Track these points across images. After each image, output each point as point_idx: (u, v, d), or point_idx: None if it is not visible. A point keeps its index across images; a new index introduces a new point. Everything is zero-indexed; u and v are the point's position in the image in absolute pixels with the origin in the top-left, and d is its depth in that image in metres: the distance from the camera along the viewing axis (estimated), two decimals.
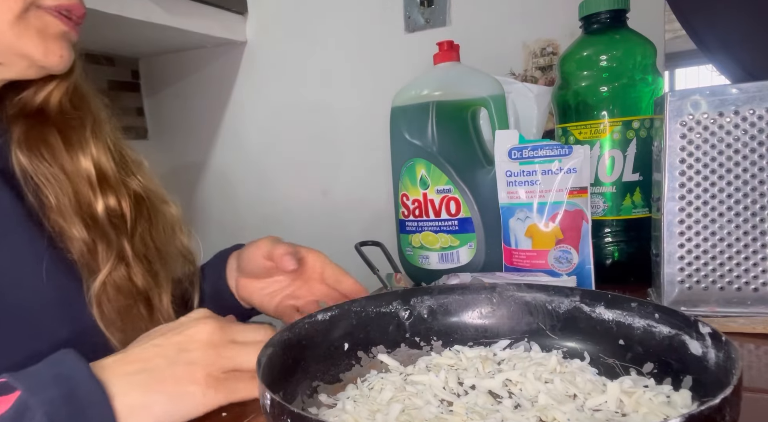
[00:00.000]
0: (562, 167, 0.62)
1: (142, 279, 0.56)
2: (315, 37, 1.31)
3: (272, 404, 0.31)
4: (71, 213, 0.52)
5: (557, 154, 0.62)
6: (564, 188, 0.62)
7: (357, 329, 0.47)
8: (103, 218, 0.54)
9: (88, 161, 0.55)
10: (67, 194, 0.53)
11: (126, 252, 0.55)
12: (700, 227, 0.54)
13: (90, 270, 0.53)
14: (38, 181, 0.52)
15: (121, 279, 0.54)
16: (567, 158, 0.62)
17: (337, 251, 0.88)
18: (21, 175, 0.52)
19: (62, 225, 0.52)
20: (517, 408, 0.38)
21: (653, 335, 0.41)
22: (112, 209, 0.55)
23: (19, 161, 0.52)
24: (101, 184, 0.55)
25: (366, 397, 0.41)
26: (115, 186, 0.57)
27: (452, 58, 0.75)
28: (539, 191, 0.63)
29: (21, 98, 0.55)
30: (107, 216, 0.55)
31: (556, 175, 0.62)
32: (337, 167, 1.35)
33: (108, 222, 0.55)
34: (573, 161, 0.61)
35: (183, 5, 1.19)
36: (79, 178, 0.54)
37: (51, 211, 0.52)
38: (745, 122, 0.52)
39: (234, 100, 1.44)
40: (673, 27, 0.92)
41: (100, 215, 0.54)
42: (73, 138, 0.55)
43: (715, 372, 0.35)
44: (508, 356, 0.46)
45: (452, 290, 0.50)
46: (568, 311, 0.46)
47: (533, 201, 0.64)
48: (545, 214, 0.63)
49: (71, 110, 0.57)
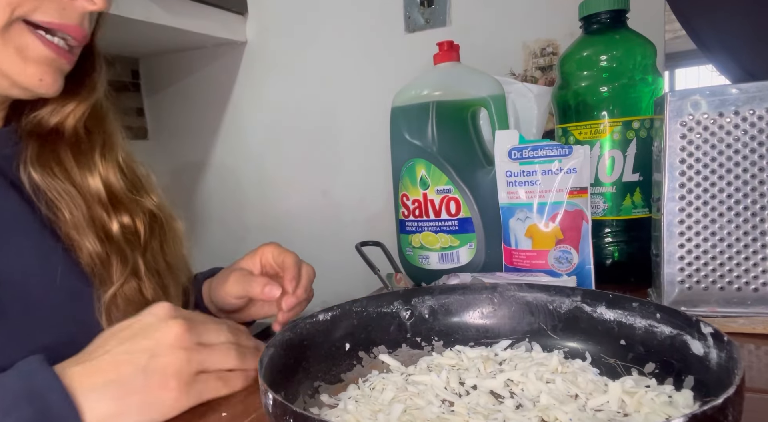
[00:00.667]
0: (562, 167, 0.62)
1: (152, 292, 0.57)
2: (315, 38, 1.31)
3: (275, 404, 0.31)
4: (84, 227, 0.53)
5: (557, 154, 0.62)
6: (564, 189, 0.62)
7: (358, 329, 0.47)
8: (118, 235, 0.56)
9: (97, 181, 0.56)
10: (81, 210, 0.54)
11: (139, 267, 0.56)
12: (700, 227, 0.55)
13: (102, 281, 0.54)
14: (52, 196, 0.53)
15: (131, 292, 0.55)
16: (567, 158, 0.62)
17: (336, 251, 0.89)
18: (32, 189, 0.53)
19: (75, 238, 0.53)
20: (519, 408, 0.38)
21: (655, 335, 0.41)
22: (127, 226, 0.57)
23: (31, 176, 0.53)
24: (113, 203, 0.56)
25: (367, 397, 0.41)
26: (128, 204, 0.58)
27: (452, 58, 0.75)
28: (539, 192, 0.63)
29: (36, 115, 0.55)
30: (122, 233, 0.56)
31: (556, 175, 0.62)
32: (337, 167, 1.35)
33: (123, 239, 0.56)
34: (573, 161, 0.61)
35: (183, 5, 1.18)
36: (91, 197, 0.55)
37: (65, 225, 0.53)
38: (745, 122, 0.52)
39: (234, 100, 1.44)
40: (673, 27, 0.92)
41: (115, 233, 0.55)
42: (82, 160, 0.56)
43: (717, 372, 0.35)
44: (509, 356, 0.46)
45: (453, 290, 0.50)
46: (569, 312, 0.46)
47: (533, 201, 0.64)
48: (545, 214, 0.63)
49: (85, 133, 0.57)
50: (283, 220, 1.43)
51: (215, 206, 1.52)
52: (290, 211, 1.42)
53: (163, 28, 1.17)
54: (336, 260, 1.33)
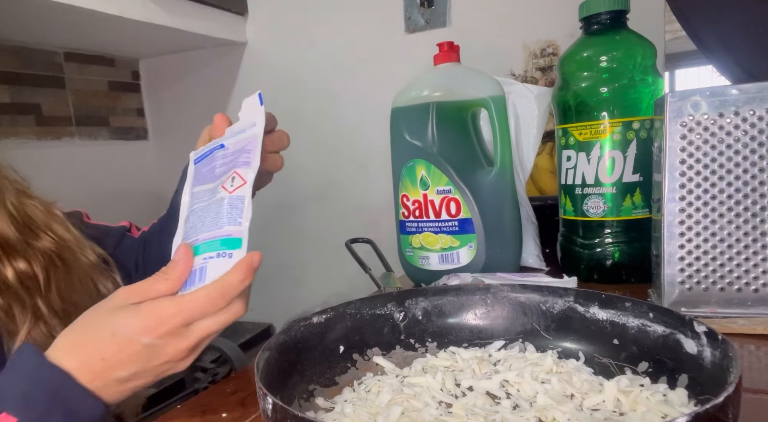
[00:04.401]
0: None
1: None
2: (315, 38, 1.31)
3: (274, 408, 0.31)
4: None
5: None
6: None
7: (352, 331, 0.47)
8: (14, 282, 0.54)
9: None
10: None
11: (41, 311, 0.55)
12: (700, 227, 0.54)
13: (9, 332, 0.53)
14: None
15: (41, 337, 0.54)
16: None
17: (336, 252, 0.88)
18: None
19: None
20: (516, 409, 0.38)
21: (648, 334, 0.41)
22: (23, 272, 0.55)
23: None
24: (6, 251, 0.55)
25: (363, 400, 0.41)
26: (22, 249, 0.56)
27: (452, 58, 0.75)
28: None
29: None
30: (18, 279, 0.54)
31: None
32: (337, 168, 1.35)
33: (20, 285, 0.54)
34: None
35: (183, 6, 1.19)
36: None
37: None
38: (746, 122, 0.52)
39: (234, 100, 1.44)
40: (673, 28, 0.92)
41: (11, 280, 0.54)
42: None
43: (711, 371, 0.35)
44: (503, 357, 0.46)
45: (446, 291, 0.50)
46: (562, 312, 0.46)
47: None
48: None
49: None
50: (283, 220, 1.43)
51: None
52: (290, 211, 1.42)
53: (163, 29, 1.17)
54: (336, 260, 1.33)
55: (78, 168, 1.35)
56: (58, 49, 1.32)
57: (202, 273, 0.43)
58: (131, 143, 1.52)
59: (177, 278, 0.42)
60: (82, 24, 1.13)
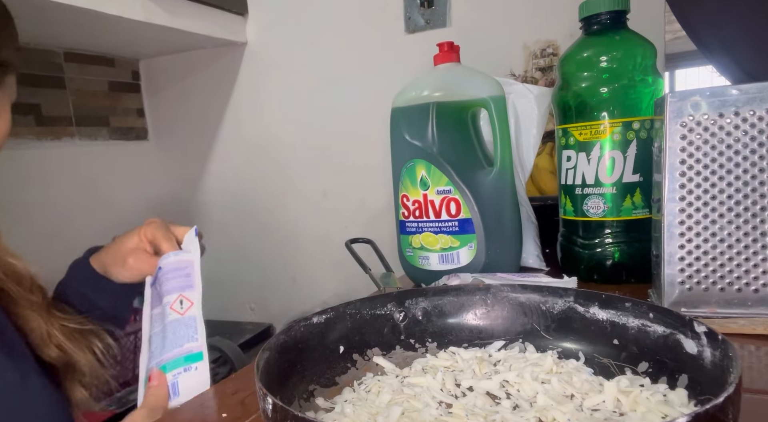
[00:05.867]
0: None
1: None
2: (315, 38, 1.31)
3: (274, 408, 0.31)
4: None
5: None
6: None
7: (352, 331, 0.47)
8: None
9: None
10: None
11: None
12: (700, 228, 0.54)
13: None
14: None
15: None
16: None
17: (336, 252, 0.88)
18: None
19: None
20: (516, 409, 0.38)
21: (648, 334, 0.41)
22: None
23: None
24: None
25: (363, 400, 0.41)
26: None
27: (452, 59, 0.75)
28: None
29: None
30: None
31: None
32: (337, 168, 1.35)
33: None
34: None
35: (183, 6, 1.18)
36: None
37: None
38: (746, 123, 0.52)
39: (234, 101, 1.44)
40: (673, 28, 0.92)
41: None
42: None
43: (711, 371, 0.35)
44: (503, 357, 0.46)
45: (446, 291, 0.50)
46: (562, 312, 0.46)
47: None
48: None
49: None
50: (283, 220, 1.43)
51: (216, 207, 1.52)
52: (290, 211, 1.42)
53: (163, 29, 1.17)
54: (336, 260, 1.33)
55: (78, 168, 1.35)
56: (58, 49, 1.32)
57: (174, 388, 0.53)
58: (131, 143, 1.51)
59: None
60: (82, 24, 1.12)
